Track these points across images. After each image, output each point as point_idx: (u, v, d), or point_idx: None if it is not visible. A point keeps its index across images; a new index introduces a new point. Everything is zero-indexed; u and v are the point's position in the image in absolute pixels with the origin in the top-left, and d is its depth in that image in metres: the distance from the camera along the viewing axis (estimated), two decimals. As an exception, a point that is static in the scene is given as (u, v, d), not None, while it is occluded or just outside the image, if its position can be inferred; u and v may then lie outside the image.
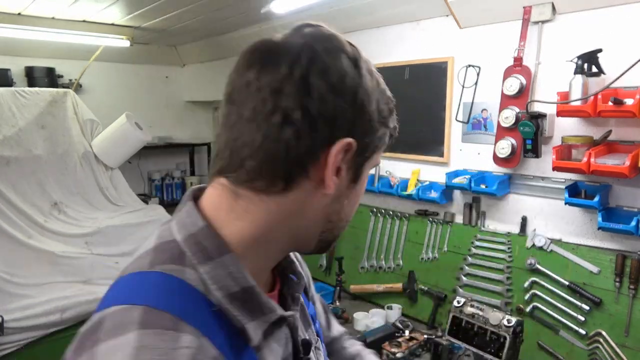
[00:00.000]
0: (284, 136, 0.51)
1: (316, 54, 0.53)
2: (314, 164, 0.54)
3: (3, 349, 2.58)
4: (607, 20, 1.78)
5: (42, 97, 3.04)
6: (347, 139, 0.54)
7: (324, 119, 0.52)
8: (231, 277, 0.52)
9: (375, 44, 2.68)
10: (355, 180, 0.60)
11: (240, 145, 0.53)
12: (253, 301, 0.54)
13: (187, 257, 0.52)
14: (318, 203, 0.57)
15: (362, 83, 0.55)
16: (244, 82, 0.55)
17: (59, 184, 3.06)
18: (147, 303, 0.48)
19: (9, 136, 2.87)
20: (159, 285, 0.50)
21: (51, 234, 2.91)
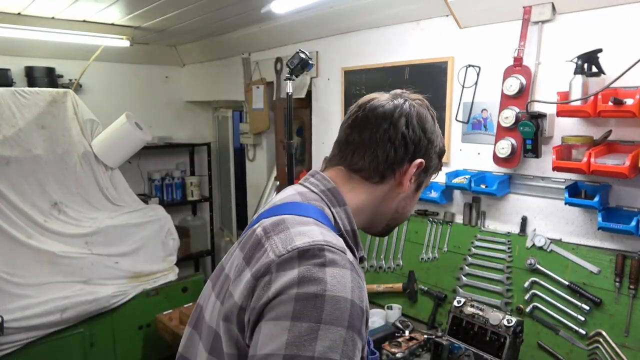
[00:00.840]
0: (387, 150, 0.85)
1: (415, 108, 0.89)
2: (400, 170, 0.87)
3: (3, 349, 2.58)
4: (607, 20, 1.78)
5: (42, 97, 3.04)
6: (421, 160, 0.88)
7: (412, 145, 0.86)
8: (348, 220, 0.84)
9: (375, 44, 2.68)
10: (417, 189, 0.94)
11: (360, 148, 0.87)
12: (356, 238, 0.86)
13: (325, 201, 0.83)
14: (396, 197, 0.90)
15: (435, 129, 0.91)
16: (365, 116, 0.89)
17: (59, 184, 3.06)
18: (314, 217, 0.77)
19: (9, 136, 2.87)
20: (313, 209, 0.80)
21: (51, 234, 2.92)
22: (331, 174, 0.89)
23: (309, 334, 0.60)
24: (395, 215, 0.92)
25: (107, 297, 2.93)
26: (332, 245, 0.68)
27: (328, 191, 0.85)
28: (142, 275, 3.16)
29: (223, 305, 0.74)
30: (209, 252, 4.43)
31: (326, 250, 0.67)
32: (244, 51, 3.59)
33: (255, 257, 0.71)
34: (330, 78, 2.99)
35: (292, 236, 0.70)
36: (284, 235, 0.70)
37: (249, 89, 3.58)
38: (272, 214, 0.79)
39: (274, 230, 0.73)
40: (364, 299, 0.68)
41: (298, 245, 0.67)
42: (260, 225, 0.77)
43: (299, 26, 2.99)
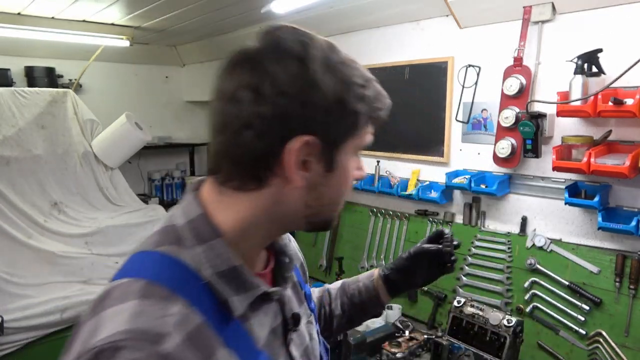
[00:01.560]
0: (244, 141, 0.58)
1: (263, 63, 0.59)
2: (277, 162, 0.59)
3: (3, 349, 2.58)
4: (607, 20, 1.78)
5: (42, 97, 3.04)
6: (304, 137, 0.58)
7: (277, 121, 0.57)
8: (220, 257, 0.60)
9: (375, 44, 2.68)
10: (330, 169, 0.63)
11: (217, 153, 0.63)
12: (238, 278, 0.61)
13: (186, 239, 0.61)
14: (292, 195, 0.62)
15: (311, 81, 0.58)
16: (215, 93, 0.64)
17: (59, 184, 3.06)
18: (147, 277, 0.57)
19: (9, 136, 2.87)
20: (158, 263, 0.59)
21: (51, 233, 2.91)
22: (205, 189, 0.66)
23: None
24: (311, 211, 0.65)
25: (107, 297, 2.92)
26: (139, 336, 0.51)
27: (191, 223, 0.62)
28: (142, 275, 3.16)
29: None
30: (209, 252, 4.43)
31: (123, 349, 0.49)
32: (244, 51, 3.58)
33: (69, 346, 0.55)
34: (330, 78, 2.98)
35: (99, 324, 0.53)
36: (94, 323, 0.53)
37: (249, 89, 3.58)
38: (118, 275, 0.61)
39: (92, 312, 0.56)
40: None
41: (97, 344, 0.50)
42: (92, 301, 0.59)
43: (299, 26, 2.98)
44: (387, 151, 2.67)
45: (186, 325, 0.54)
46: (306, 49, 0.59)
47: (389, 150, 2.66)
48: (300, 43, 0.60)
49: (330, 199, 0.67)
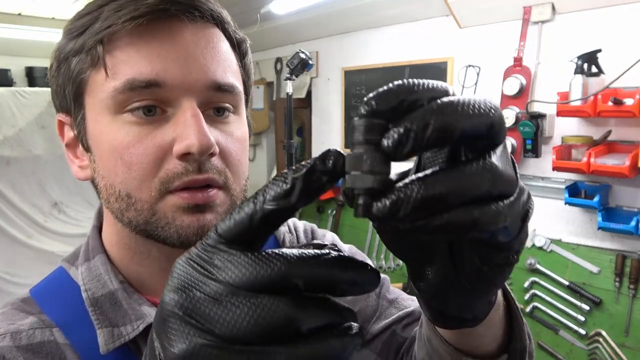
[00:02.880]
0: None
1: None
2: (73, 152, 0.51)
3: None
4: (607, 20, 1.78)
5: (42, 97, 3.04)
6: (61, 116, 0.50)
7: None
8: (99, 280, 0.50)
9: (375, 44, 2.68)
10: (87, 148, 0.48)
11: None
12: (116, 307, 0.49)
13: (78, 255, 0.53)
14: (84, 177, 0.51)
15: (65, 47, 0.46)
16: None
17: (59, 183, 3.06)
18: (32, 291, 0.52)
19: (9, 136, 2.87)
20: (50, 277, 0.53)
21: (51, 233, 2.92)
22: None
23: None
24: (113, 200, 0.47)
25: (107, 297, 2.93)
26: None
27: (87, 238, 0.54)
28: (142, 275, 3.17)
29: None
30: (209, 252, 4.43)
31: None
32: (244, 51, 3.58)
33: None
34: (330, 78, 2.99)
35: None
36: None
37: (249, 89, 3.58)
38: None
39: None
40: None
41: None
42: None
43: (299, 26, 2.99)
44: (387, 151, 2.67)
45: (23, 335, 0.46)
46: None
47: (389, 150, 2.66)
48: None
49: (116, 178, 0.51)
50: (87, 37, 0.44)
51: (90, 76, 0.45)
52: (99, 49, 0.43)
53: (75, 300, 0.49)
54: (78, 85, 0.46)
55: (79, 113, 0.47)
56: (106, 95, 0.44)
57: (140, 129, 0.44)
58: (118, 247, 0.51)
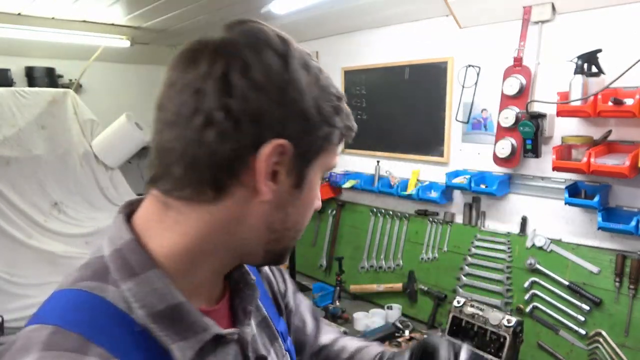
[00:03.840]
0: (206, 139, 0.47)
1: (237, 50, 0.49)
2: (245, 168, 0.49)
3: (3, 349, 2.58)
4: (607, 20, 1.78)
5: (42, 97, 3.04)
6: (279, 140, 0.49)
7: (248, 119, 0.48)
8: (156, 294, 0.49)
9: (375, 44, 2.68)
10: (298, 185, 0.54)
11: (165, 153, 0.50)
12: (182, 320, 0.50)
13: (111, 273, 0.50)
14: (257, 211, 0.52)
15: (291, 79, 0.50)
16: (168, 84, 0.51)
17: (59, 184, 3.06)
18: (57, 323, 0.46)
19: (9, 136, 2.87)
20: (74, 304, 0.48)
21: (51, 233, 2.91)
22: (143, 208, 0.57)
23: None
24: (273, 236, 0.55)
25: (107, 297, 2.93)
26: None
27: (119, 252, 0.51)
28: (142, 275, 3.16)
29: None
30: (209, 252, 4.43)
31: None
32: (244, 51, 3.58)
33: None
34: (330, 78, 2.98)
35: None
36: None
37: (249, 89, 3.58)
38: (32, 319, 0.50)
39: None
40: None
41: None
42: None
43: (299, 26, 2.98)
44: (387, 151, 2.67)
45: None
46: (286, 44, 0.52)
47: (389, 150, 2.66)
48: (279, 37, 0.52)
49: (294, 223, 0.57)
50: (338, 122, 0.56)
51: (328, 147, 0.56)
52: (338, 139, 0.57)
53: (123, 322, 0.48)
54: (324, 140, 0.55)
55: (311, 157, 0.54)
56: (325, 167, 0.57)
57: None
58: (186, 261, 0.52)
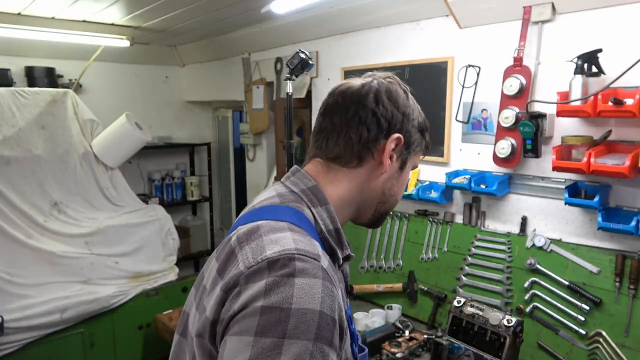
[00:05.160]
0: (360, 130, 0.83)
1: (384, 84, 0.87)
2: (377, 149, 0.84)
3: (3, 349, 2.58)
4: (607, 20, 1.78)
5: (42, 97, 3.04)
6: (398, 134, 0.84)
7: (385, 120, 0.83)
8: (331, 219, 0.82)
9: (375, 44, 2.68)
10: (402, 168, 0.89)
11: (333, 136, 0.85)
12: (340, 238, 0.83)
13: (305, 201, 0.81)
14: (377, 178, 0.86)
15: (408, 103, 0.88)
16: (335, 101, 0.87)
17: (59, 184, 3.06)
18: (287, 219, 0.74)
19: (9, 136, 2.87)
20: (289, 212, 0.77)
21: (51, 234, 2.92)
22: (310, 168, 0.87)
23: (273, 349, 0.58)
24: (383, 198, 0.89)
25: (107, 297, 2.93)
26: (304, 253, 0.66)
27: (308, 190, 0.82)
28: (142, 275, 3.16)
29: (199, 320, 0.70)
30: (209, 252, 4.43)
31: (296, 259, 0.64)
32: (244, 51, 3.59)
33: (228, 268, 0.69)
34: (330, 78, 2.99)
35: (263, 245, 0.67)
36: (255, 245, 0.68)
37: (249, 89, 3.58)
38: (248, 220, 0.76)
39: (247, 239, 0.70)
40: (335, 309, 0.64)
41: (268, 256, 0.65)
42: (235, 234, 0.73)
43: (299, 26, 2.99)
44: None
45: (326, 256, 0.72)
46: (406, 87, 0.91)
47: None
48: (400, 82, 0.91)
49: (396, 192, 0.91)
50: (426, 136, 0.93)
51: (418, 151, 0.92)
52: (424, 148, 0.93)
53: (313, 229, 0.78)
54: (419, 143, 0.91)
55: (411, 151, 0.90)
56: (414, 164, 0.93)
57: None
58: (339, 204, 0.85)
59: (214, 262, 0.75)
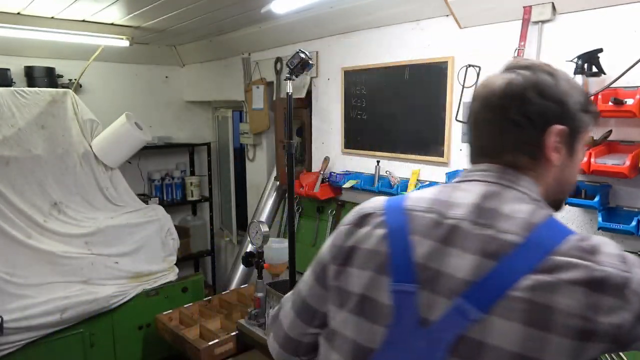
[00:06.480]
0: (517, 132, 0.80)
1: (529, 78, 0.80)
2: (539, 146, 0.80)
3: (3, 349, 2.58)
4: (607, 20, 1.78)
5: (42, 97, 3.04)
6: (558, 126, 0.79)
7: (539, 116, 0.79)
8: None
9: (375, 44, 2.68)
10: (571, 155, 0.83)
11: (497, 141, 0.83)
12: None
13: (541, 203, 0.80)
14: (552, 172, 0.83)
15: (559, 88, 0.80)
16: (481, 105, 0.84)
17: (59, 184, 3.06)
18: (571, 232, 0.73)
19: (8, 136, 2.87)
20: (558, 222, 0.76)
21: (51, 234, 2.91)
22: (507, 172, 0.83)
23: None
24: (558, 188, 0.85)
25: (107, 297, 2.93)
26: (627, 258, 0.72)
27: (541, 195, 0.81)
28: (142, 275, 3.16)
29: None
30: (209, 252, 4.43)
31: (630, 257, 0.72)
32: (244, 51, 3.59)
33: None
34: (330, 78, 2.99)
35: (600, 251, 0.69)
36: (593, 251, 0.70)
37: (249, 89, 3.58)
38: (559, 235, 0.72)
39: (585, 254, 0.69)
40: None
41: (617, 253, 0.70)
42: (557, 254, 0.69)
43: (299, 26, 2.99)
44: (387, 151, 2.67)
45: None
46: (550, 66, 0.84)
47: (389, 150, 2.66)
48: (545, 64, 0.85)
49: (569, 180, 0.88)
50: (591, 109, 0.85)
51: (587, 128, 0.84)
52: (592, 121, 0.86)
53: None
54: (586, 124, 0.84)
55: (578, 135, 0.83)
56: (585, 141, 0.86)
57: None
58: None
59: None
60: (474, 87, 0.91)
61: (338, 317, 0.84)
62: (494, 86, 0.83)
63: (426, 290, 0.74)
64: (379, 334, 0.76)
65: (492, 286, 0.68)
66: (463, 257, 0.72)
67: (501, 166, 0.82)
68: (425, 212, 0.80)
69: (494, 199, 0.77)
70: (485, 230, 0.73)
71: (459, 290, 0.70)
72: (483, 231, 0.73)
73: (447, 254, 0.74)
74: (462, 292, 0.70)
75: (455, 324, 0.69)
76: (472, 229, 0.74)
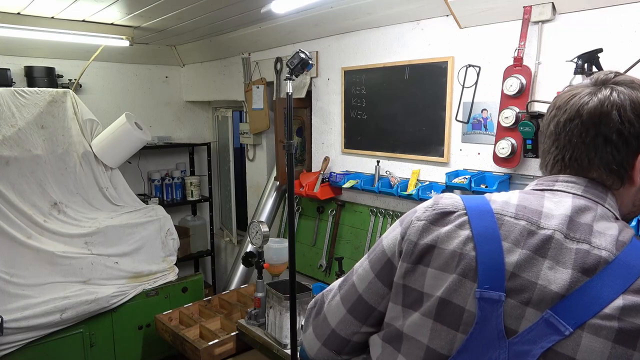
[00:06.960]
0: (608, 152, 0.78)
1: (627, 96, 0.77)
2: (629, 167, 0.78)
3: (3, 349, 2.58)
4: (607, 20, 1.78)
5: (42, 97, 3.04)
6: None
7: (634, 139, 0.76)
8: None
9: (375, 44, 2.68)
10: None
11: (584, 158, 0.80)
12: None
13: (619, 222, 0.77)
14: (631, 192, 0.81)
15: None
16: (569, 118, 0.81)
17: (59, 184, 3.06)
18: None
19: (8, 136, 2.87)
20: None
21: (51, 234, 2.91)
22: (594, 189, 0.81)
23: None
24: (633, 209, 0.85)
25: (107, 297, 2.93)
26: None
27: (620, 217, 0.80)
28: (141, 275, 3.16)
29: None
30: (209, 252, 4.43)
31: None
32: (244, 51, 3.58)
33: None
34: (330, 78, 2.99)
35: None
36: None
37: (249, 89, 3.58)
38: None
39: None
40: None
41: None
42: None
43: (299, 26, 2.99)
44: (387, 151, 2.67)
45: None
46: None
47: (389, 150, 2.66)
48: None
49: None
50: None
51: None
52: None
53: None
54: None
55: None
56: None
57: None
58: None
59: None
60: (555, 99, 0.87)
61: (407, 319, 0.80)
62: (588, 100, 0.80)
63: (514, 299, 0.71)
64: (456, 342, 0.73)
65: (586, 302, 0.67)
66: (557, 269, 0.71)
67: (588, 180, 0.81)
68: (514, 218, 0.77)
69: (586, 214, 0.76)
70: (581, 245, 0.72)
71: (551, 303, 0.69)
72: (578, 245, 0.72)
73: (540, 265, 0.72)
74: (553, 305, 0.68)
75: (543, 337, 0.68)
76: (566, 242, 0.72)
